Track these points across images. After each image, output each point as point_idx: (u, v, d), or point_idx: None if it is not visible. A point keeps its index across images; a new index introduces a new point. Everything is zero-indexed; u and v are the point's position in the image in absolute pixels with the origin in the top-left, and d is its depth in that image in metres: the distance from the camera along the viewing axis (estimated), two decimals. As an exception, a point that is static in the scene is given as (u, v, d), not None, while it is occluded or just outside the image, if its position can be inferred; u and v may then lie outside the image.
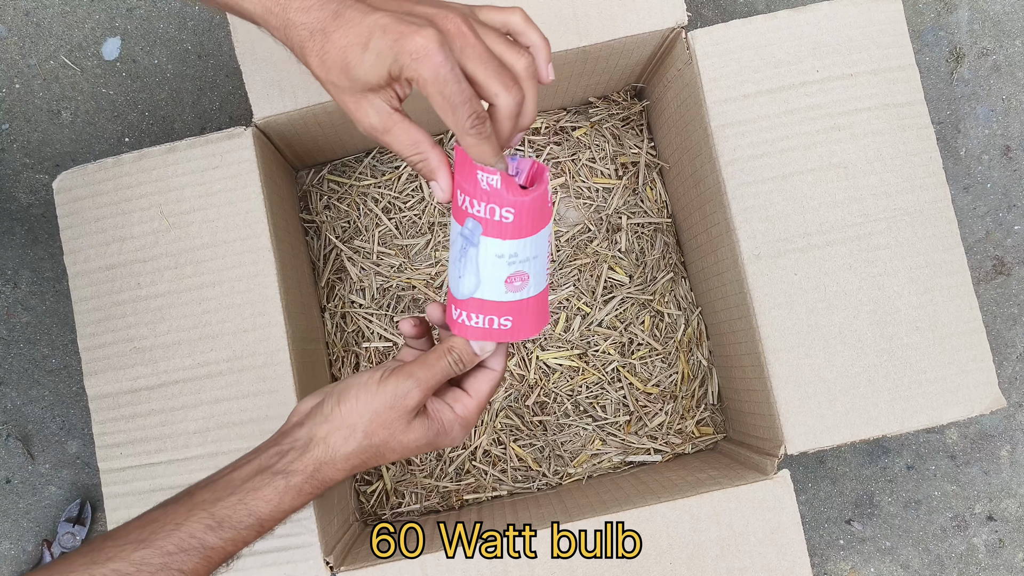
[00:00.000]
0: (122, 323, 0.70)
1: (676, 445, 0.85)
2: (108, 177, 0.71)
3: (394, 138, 0.50)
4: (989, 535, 0.93)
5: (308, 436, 0.53)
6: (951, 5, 0.97)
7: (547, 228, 0.52)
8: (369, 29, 0.47)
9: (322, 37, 0.48)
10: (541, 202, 0.51)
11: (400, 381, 0.52)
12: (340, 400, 0.53)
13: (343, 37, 0.48)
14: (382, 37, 0.47)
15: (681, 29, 0.71)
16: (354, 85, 0.48)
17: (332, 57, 0.48)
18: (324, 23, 0.48)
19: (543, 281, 0.54)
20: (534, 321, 0.55)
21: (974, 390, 0.69)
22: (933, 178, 0.71)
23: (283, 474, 0.52)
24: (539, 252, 0.52)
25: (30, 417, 0.93)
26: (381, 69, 0.47)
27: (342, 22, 0.48)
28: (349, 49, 0.47)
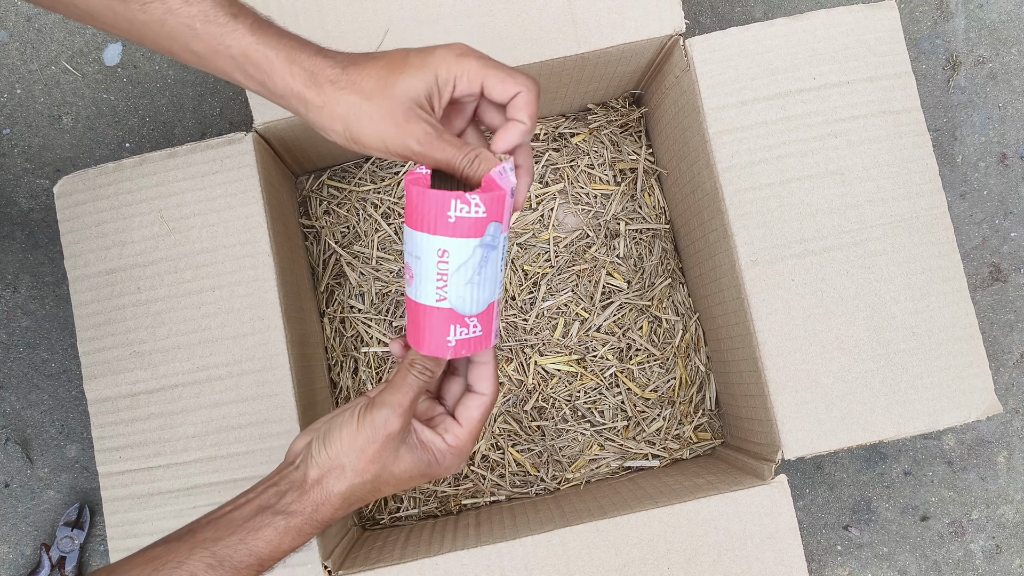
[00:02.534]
0: (122, 327, 0.70)
1: (674, 450, 0.85)
2: (109, 182, 0.71)
3: (446, 142, 0.51)
4: (986, 541, 0.93)
5: (303, 478, 0.53)
6: (947, 13, 0.98)
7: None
8: (402, 53, 0.51)
9: (357, 69, 0.51)
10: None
11: (375, 412, 0.52)
12: (325, 443, 0.53)
13: (379, 62, 0.51)
14: (419, 53, 0.51)
15: (679, 36, 0.72)
16: (399, 100, 0.50)
17: (374, 80, 0.50)
18: (355, 59, 0.51)
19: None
20: (495, 324, 0.55)
21: (970, 396, 0.69)
22: (929, 185, 0.71)
23: (284, 515, 0.52)
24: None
25: (29, 421, 0.93)
26: (428, 78, 0.50)
27: (372, 56, 0.51)
28: (389, 69, 0.50)
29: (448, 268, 0.50)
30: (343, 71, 0.51)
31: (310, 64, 0.51)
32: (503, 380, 0.85)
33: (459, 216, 0.49)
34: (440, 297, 0.51)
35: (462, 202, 0.49)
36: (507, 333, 0.85)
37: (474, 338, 0.53)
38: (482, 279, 0.51)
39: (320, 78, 0.51)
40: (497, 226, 0.51)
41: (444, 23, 0.70)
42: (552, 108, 0.86)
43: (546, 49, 0.71)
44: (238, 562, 0.51)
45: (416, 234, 0.50)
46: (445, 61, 0.50)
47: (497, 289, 0.53)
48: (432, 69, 0.50)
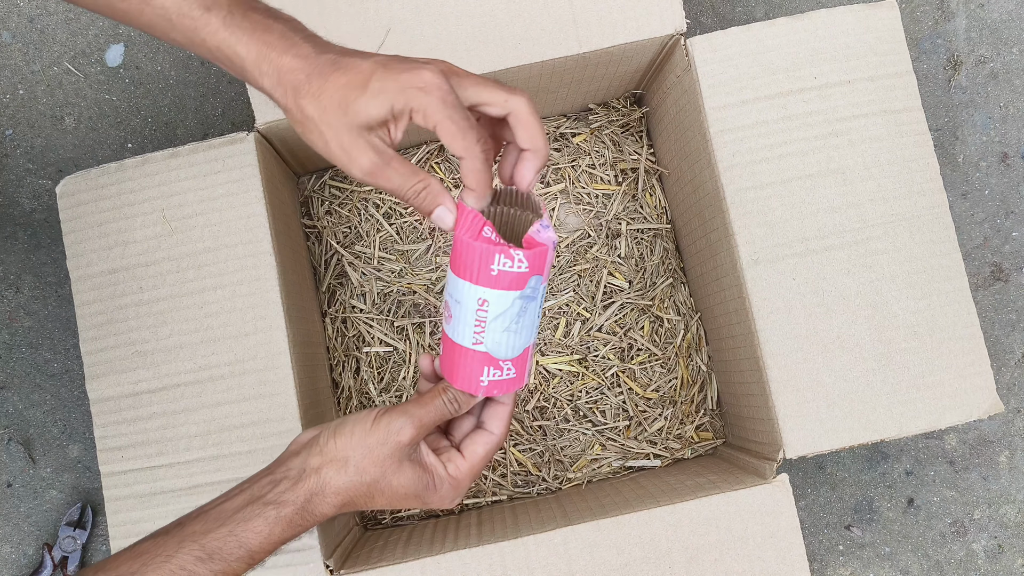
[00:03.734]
0: (124, 327, 0.70)
1: (676, 450, 0.85)
2: (111, 182, 0.72)
3: (394, 171, 0.50)
4: (988, 541, 0.93)
5: (301, 467, 0.53)
6: (948, 13, 0.98)
7: None
8: (370, 69, 0.49)
9: (320, 79, 0.49)
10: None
11: (394, 418, 0.53)
12: (336, 433, 0.53)
13: (343, 77, 0.49)
14: (384, 75, 0.48)
15: (680, 36, 0.72)
16: (351, 123, 0.49)
17: (330, 96, 0.49)
18: (322, 68, 0.49)
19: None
20: (528, 365, 0.56)
21: (972, 395, 0.69)
22: (931, 184, 0.71)
23: (274, 504, 0.51)
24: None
25: (32, 421, 0.93)
26: (384, 105, 0.48)
27: (341, 65, 0.49)
28: (349, 87, 0.49)
29: (487, 316, 0.51)
30: (306, 79, 0.50)
31: (279, 63, 0.50)
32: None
33: (502, 270, 0.50)
34: (476, 341, 0.52)
35: (506, 257, 0.49)
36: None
37: (507, 380, 0.54)
38: (519, 327, 0.52)
39: (285, 81, 0.50)
40: (538, 279, 0.51)
41: (446, 23, 0.70)
42: (553, 108, 0.86)
43: (547, 49, 0.71)
44: (228, 554, 0.50)
45: (458, 280, 0.51)
46: (404, 93, 0.48)
47: (533, 334, 0.54)
48: (389, 98, 0.48)
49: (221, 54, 0.51)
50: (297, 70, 0.50)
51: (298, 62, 0.50)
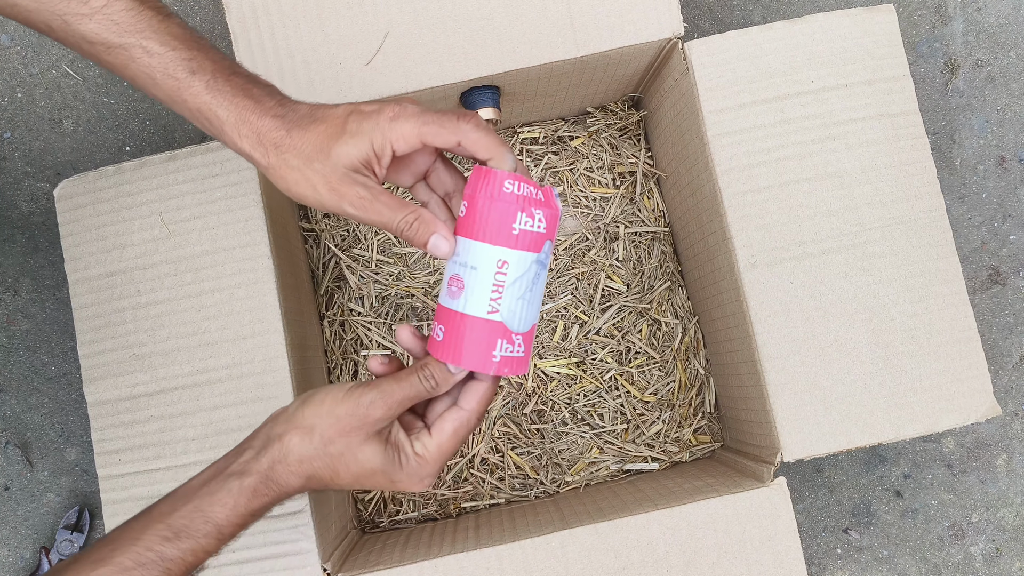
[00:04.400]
0: (122, 330, 0.70)
1: (673, 453, 0.85)
2: (109, 185, 0.72)
3: (383, 204, 0.52)
4: (986, 544, 0.93)
5: (267, 435, 0.52)
6: (946, 17, 0.98)
7: None
8: (345, 113, 0.52)
9: (300, 132, 0.52)
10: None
11: (366, 392, 0.52)
12: (305, 402, 0.53)
13: (320, 126, 0.52)
14: (359, 117, 0.51)
15: (678, 40, 0.72)
16: (336, 165, 0.51)
17: (312, 144, 0.51)
18: (300, 121, 0.52)
19: None
20: (530, 351, 0.55)
21: (969, 398, 0.69)
22: (928, 187, 0.71)
23: (237, 475, 0.51)
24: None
25: (29, 424, 0.93)
26: (363, 144, 0.51)
27: (317, 116, 0.52)
28: (328, 134, 0.51)
29: (505, 280, 0.51)
30: (287, 134, 0.52)
31: (258, 125, 0.52)
32: (503, 383, 0.85)
33: (523, 229, 0.50)
34: (492, 309, 0.51)
35: (528, 215, 0.50)
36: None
37: (516, 358, 0.53)
38: (532, 296, 0.52)
39: (266, 140, 0.52)
40: (550, 244, 0.52)
41: (444, 26, 0.70)
42: (551, 112, 0.86)
43: (545, 52, 0.71)
44: (195, 531, 0.50)
45: (474, 244, 0.51)
46: (379, 128, 0.50)
47: (538, 312, 0.54)
48: (367, 136, 0.50)
49: (201, 115, 0.53)
50: (276, 128, 0.52)
51: (276, 122, 0.52)
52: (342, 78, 0.70)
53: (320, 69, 0.70)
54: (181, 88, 0.53)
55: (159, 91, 0.54)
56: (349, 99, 0.69)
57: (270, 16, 0.70)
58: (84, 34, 0.53)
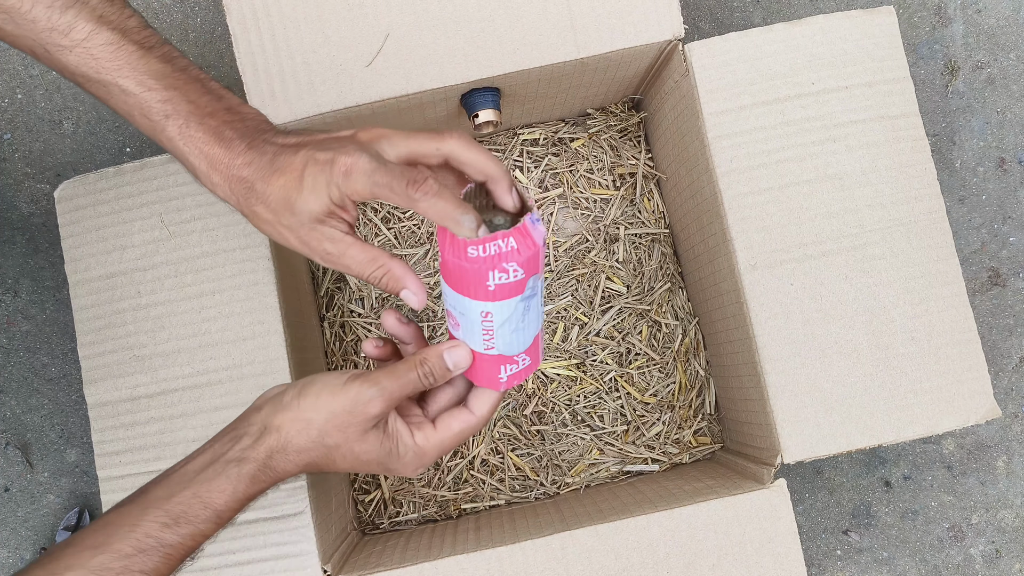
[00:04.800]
0: (122, 331, 0.70)
1: (673, 455, 0.85)
2: (109, 186, 0.72)
3: (351, 259, 0.52)
4: (986, 545, 0.93)
5: (263, 423, 0.52)
6: (945, 18, 0.98)
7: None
8: (302, 164, 0.51)
9: (263, 184, 0.52)
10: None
11: (364, 387, 0.51)
12: (301, 393, 0.52)
13: (280, 178, 0.51)
14: (314, 169, 0.50)
15: (678, 41, 0.72)
16: (301, 219, 0.51)
17: (276, 199, 0.51)
18: (263, 172, 0.52)
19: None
20: (540, 347, 0.56)
21: (969, 400, 0.69)
22: (928, 189, 0.71)
23: (236, 462, 0.51)
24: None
25: (29, 425, 0.93)
26: (321, 199, 0.50)
27: (277, 166, 0.51)
28: (288, 188, 0.51)
29: (493, 325, 0.51)
30: (251, 188, 0.52)
31: (228, 174, 0.52)
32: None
33: (499, 284, 0.49)
34: (488, 347, 0.52)
35: (500, 271, 0.49)
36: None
37: (524, 369, 0.54)
38: (526, 323, 0.52)
39: (236, 190, 0.53)
40: (536, 277, 0.51)
41: (444, 28, 0.70)
42: (551, 113, 0.86)
43: (546, 54, 0.71)
44: (194, 516, 0.50)
45: (458, 295, 0.51)
46: (333, 183, 0.50)
47: (540, 321, 0.54)
48: (324, 191, 0.50)
49: (177, 156, 0.54)
50: (244, 179, 0.52)
51: (244, 170, 0.52)
52: (342, 80, 0.70)
53: (320, 70, 0.70)
54: (156, 131, 0.54)
55: (141, 127, 0.54)
56: (349, 102, 0.70)
57: (270, 17, 0.70)
58: (65, 65, 0.53)
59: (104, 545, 0.48)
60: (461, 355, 0.53)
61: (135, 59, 0.53)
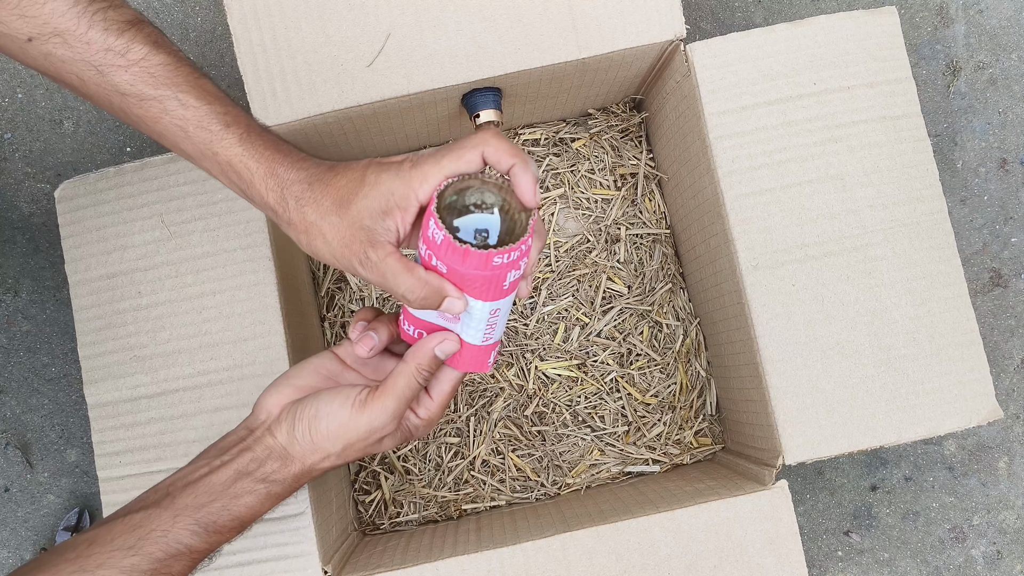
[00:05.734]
0: (122, 331, 0.70)
1: (674, 455, 0.85)
2: (110, 186, 0.71)
3: (387, 268, 0.52)
4: (987, 547, 0.93)
5: (284, 452, 0.55)
6: (948, 19, 0.98)
7: None
8: (363, 166, 0.53)
9: (321, 186, 0.53)
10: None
11: (375, 415, 0.54)
12: (312, 428, 0.55)
13: (341, 179, 0.53)
14: (377, 168, 0.52)
15: (680, 42, 0.72)
16: (352, 221, 0.52)
17: (331, 197, 0.53)
18: (321, 175, 0.54)
19: None
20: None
21: (971, 401, 0.69)
22: (930, 190, 0.71)
23: (266, 483, 0.55)
24: None
25: (29, 426, 0.93)
26: (382, 197, 0.51)
27: (338, 170, 0.54)
28: (347, 187, 0.52)
29: (498, 319, 0.54)
30: (308, 187, 0.53)
31: (284, 178, 0.54)
32: (503, 385, 0.85)
33: (512, 281, 0.52)
34: (487, 337, 0.56)
35: (515, 269, 0.51)
36: (508, 338, 0.85)
37: (498, 344, 0.58)
38: (502, 318, 0.56)
39: (288, 194, 0.54)
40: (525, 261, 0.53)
41: (446, 28, 0.70)
42: (553, 113, 0.86)
43: (547, 54, 0.71)
44: (222, 526, 0.53)
45: (469, 298, 0.53)
46: (399, 177, 0.51)
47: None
48: (386, 187, 0.51)
49: (232, 168, 0.55)
50: (300, 181, 0.54)
51: (300, 174, 0.54)
52: (344, 79, 0.70)
53: (321, 70, 0.70)
54: (214, 140, 0.54)
55: (189, 144, 0.55)
56: (350, 101, 0.70)
57: (271, 17, 0.70)
58: (118, 85, 0.54)
59: (136, 548, 0.51)
60: (452, 346, 0.56)
61: (192, 79, 0.55)
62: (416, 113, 0.76)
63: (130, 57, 0.54)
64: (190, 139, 0.55)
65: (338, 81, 0.70)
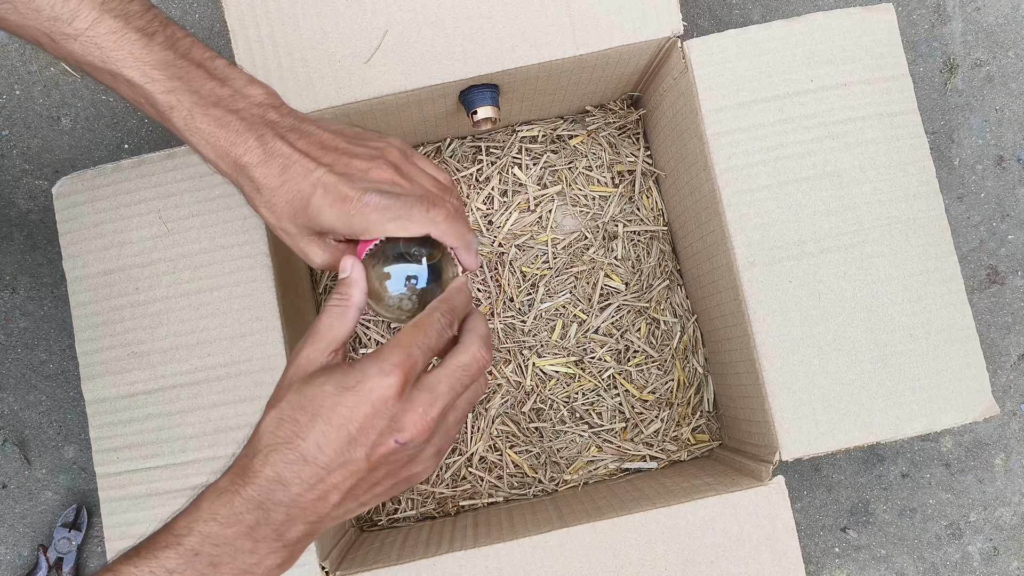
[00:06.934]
0: (120, 328, 0.70)
1: (672, 452, 0.85)
2: (107, 183, 0.71)
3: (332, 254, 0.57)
4: (984, 543, 0.93)
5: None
6: (945, 16, 0.98)
7: None
8: (312, 186, 0.52)
9: (270, 194, 0.53)
10: None
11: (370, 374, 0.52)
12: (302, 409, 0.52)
13: (290, 191, 0.53)
14: (324, 200, 0.52)
15: (677, 39, 0.72)
16: (301, 232, 0.55)
17: (280, 207, 0.54)
18: (271, 179, 0.53)
19: None
20: None
21: (967, 397, 0.69)
22: (927, 187, 0.71)
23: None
24: None
25: (27, 422, 0.93)
26: (326, 223, 0.53)
27: (289, 177, 0.53)
28: (295, 207, 0.53)
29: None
30: (258, 190, 0.54)
31: (235, 167, 0.54)
32: (500, 381, 0.85)
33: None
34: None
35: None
36: (505, 335, 0.85)
37: None
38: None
39: (242, 180, 0.54)
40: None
41: (443, 24, 0.70)
42: (550, 110, 0.86)
43: (544, 51, 0.71)
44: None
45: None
46: (343, 218, 0.52)
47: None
48: (331, 220, 0.53)
49: (189, 146, 0.55)
50: (252, 180, 0.54)
51: (254, 171, 0.53)
52: (341, 76, 0.70)
53: (319, 67, 0.70)
54: (163, 119, 0.54)
55: (149, 115, 0.56)
56: (347, 98, 0.70)
57: (269, 14, 0.70)
58: (71, 53, 0.53)
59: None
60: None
61: (138, 48, 0.52)
62: (413, 110, 0.76)
63: (76, 26, 0.51)
64: (146, 111, 0.55)
65: (335, 77, 0.70)
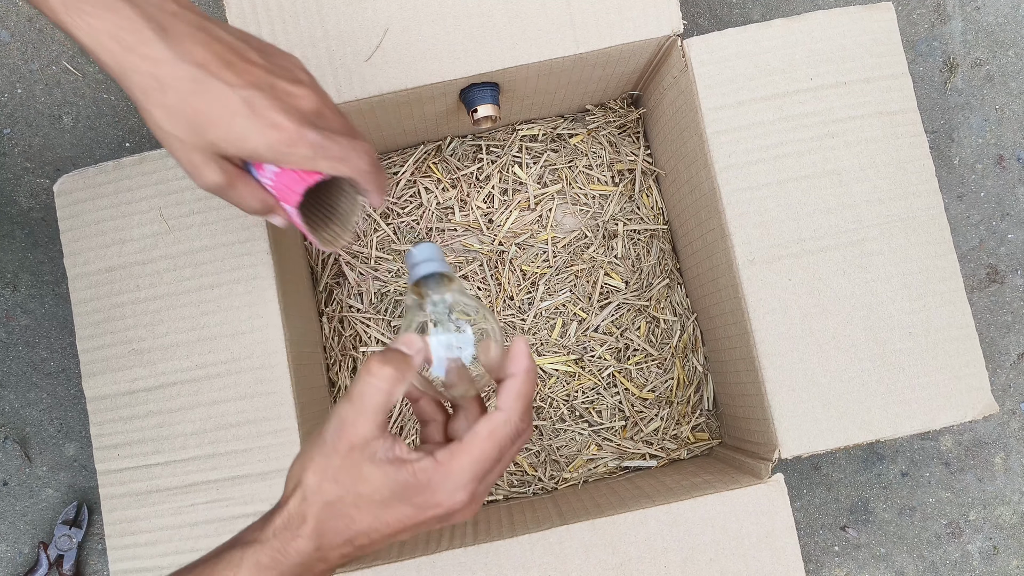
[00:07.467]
0: (121, 325, 0.70)
1: (671, 450, 0.85)
2: (108, 180, 0.72)
3: (238, 193, 0.51)
4: (983, 542, 0.93)
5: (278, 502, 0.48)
6: (944, 15, 0.98)
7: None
8: (236, 104, 0.46)
9: (176, 97, 0.46)
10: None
11: (328, 422, 0.47)
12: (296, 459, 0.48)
13: (203, 102, 0.46)
14: (251, 119, 0.47)
15: (677, 37, 0.72)
16: (202, 145, 0.47)
17: (187, 118, 0.46)
18: (179, 84, 0.46)
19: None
20: None
21: (967, 395, 0.69)
22: (926, 185, 0.71)
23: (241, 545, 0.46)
24: None
25: (28, 420, 0.93)
26: (239, 149, 0.48)
27: (205, 88, 0.46)
28: (209, 114, 0.46)
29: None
30: (161, 91, 0.46)
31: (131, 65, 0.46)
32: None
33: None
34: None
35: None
36: (506, 333, 0.85)
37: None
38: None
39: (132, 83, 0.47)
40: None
41: (444, 23, 0.70)
42: (551, 109, 0.86)
43: (545, 49, 0.71)
44: None
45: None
46: (265, 147, 0.48)
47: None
48: (252, 145, 0.48)
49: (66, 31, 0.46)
50: (148, 75, 0.45)
51: (151, 67, 0.45)
52: (341, 74, 0.70)
53: (319, 65, 0.70)
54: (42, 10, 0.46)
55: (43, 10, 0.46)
56: (348, 97, 0.70)
57: (269, 11, 0.70)
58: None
59: None
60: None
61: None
62: (414, 108, 0.76)
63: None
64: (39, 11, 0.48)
65: (335, 76, 0.70)
